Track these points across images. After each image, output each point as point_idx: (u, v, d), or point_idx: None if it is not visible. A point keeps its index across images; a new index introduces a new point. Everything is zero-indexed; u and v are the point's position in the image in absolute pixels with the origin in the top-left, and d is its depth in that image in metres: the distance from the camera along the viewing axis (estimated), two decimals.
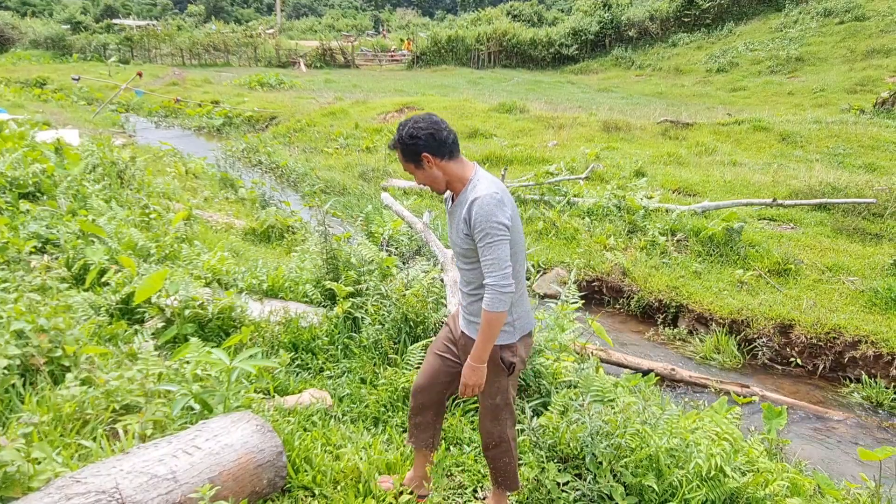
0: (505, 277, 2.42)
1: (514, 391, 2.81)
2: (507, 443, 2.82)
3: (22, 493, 2.16)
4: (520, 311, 2.67)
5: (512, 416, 2.82)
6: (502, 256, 2.42)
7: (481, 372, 2.55)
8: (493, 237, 2.40)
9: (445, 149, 2.53)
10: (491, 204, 2.41)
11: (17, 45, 37.90)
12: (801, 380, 5.86)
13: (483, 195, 2.43)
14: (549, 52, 35.64)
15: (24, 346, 3.31)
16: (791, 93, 22.11)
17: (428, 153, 2.53)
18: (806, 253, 7.63)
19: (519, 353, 2.70)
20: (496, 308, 2.43)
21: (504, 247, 2.43)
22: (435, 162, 2.55)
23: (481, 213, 2.41)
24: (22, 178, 6.37)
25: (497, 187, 2.49)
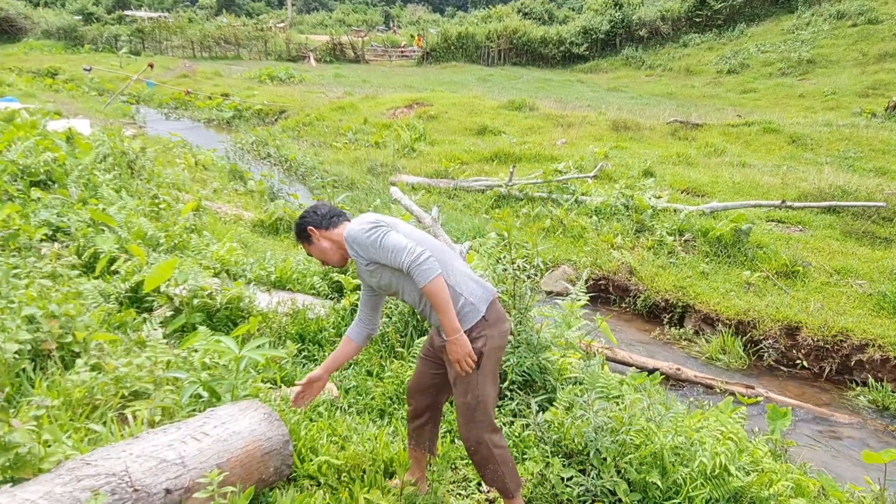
0: (413, 251, 2.49)
1: (489, 391, 2.69)
2: (486, 447, 2.69)
3: (33, 473, 2.19)
4: (465, 285, 2.67)
5: (487, 419, 2.69)
6: (394, 242, 2.53)
7: (461, 342, 2.55)
8: (376, 238, 2.56)
9: (326, 221, 2.77)
10: (354, 227, 2.63)
11: (30, 34, 38.07)
12: (807, 382, 5.85)
13: (347, 229, 2.66)
14: (560, 51, 35.54)
15: (36, 331, 3.34)
16: (802, 95, 21.99)
17: (314, 229, 2.76)
18: (814, 255, 7.61)
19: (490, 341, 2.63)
20: (428, 277, 2.48)
21: (389, 236, 2.55)
22: (320, 235, 2.77)
23: (352, 237, 2.62)
24: (33, 166, 6.41)
25: (358, 217, 2.73)
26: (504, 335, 2.74)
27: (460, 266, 2.75)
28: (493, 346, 2.67)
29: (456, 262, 2.74)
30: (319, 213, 2.77)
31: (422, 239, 2.69)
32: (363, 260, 2.64)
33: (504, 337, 2.74)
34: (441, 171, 11.51)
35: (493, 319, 2.68)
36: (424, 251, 2.50)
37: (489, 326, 2.66)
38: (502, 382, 3.97)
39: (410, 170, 11.78)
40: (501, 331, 2.71)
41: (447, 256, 2.73)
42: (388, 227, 2.60)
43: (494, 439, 2.72)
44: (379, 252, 2.56)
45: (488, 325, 2.65)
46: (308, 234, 2.76)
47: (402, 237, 2.56)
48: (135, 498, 2.10)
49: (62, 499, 1.95)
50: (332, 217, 2.76)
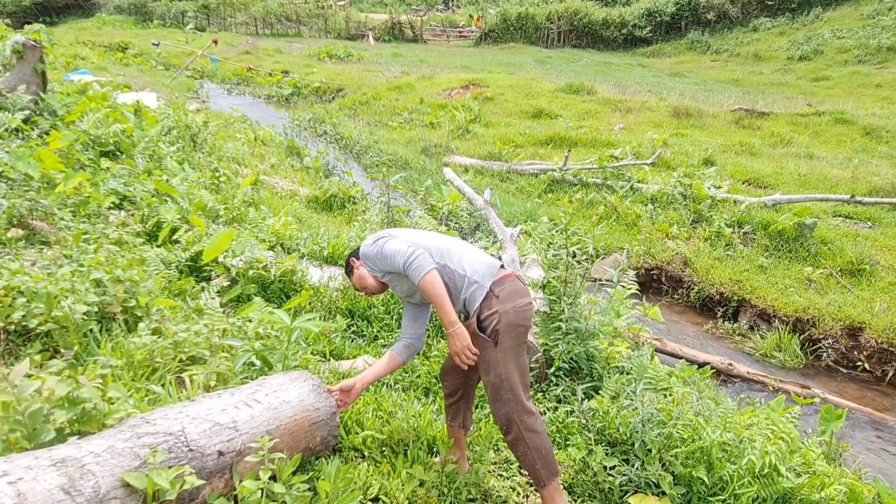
0: (407, 252, 2.64)
1: (512, 368, 2.63)
2: (516, 427, 2.64)
3: (98, 428, 2.31)
4: (468, 264, 2.73)
5: (515, 398, 2.63)
6: (392, 247, 2.71)
7: (459, 334, 2.61)
8: (378, 250, 2.77)
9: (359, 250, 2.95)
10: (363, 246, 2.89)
11: (103, 10, 39.51)
12: (867, 385, 5.62)
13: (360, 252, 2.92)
14: (621, 34, 34.61)
15: (103, 294, 3.51)
16: (879, 85, 20.83)
17: (353, 257, 3.00)
18: (883, 254, 7.26)
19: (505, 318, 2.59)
20: (420, 273, 2.60)
21: (388, 244, 2.74)
22: (356, 263, 2.96)
23: (363, 254, 2.87)
24: (103, 136, 6.67)
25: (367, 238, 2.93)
26: (521, 311, 2.67)
27: (464, 249, 2.83)
28: (509, 323, 2.62)
29: (458, 248, 2.83)
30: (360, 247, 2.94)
31: (420, 240, 2.80)
32: (378, 272, 2.84)
33: (522, 312, 2.67)
34: (495, 153, 11.44)
35: (504, 295, 2.65)
36: (416, 250, 2.64)
37: (500, 302, 2.63)
38: (549, 367, 3.96)
39: (464, 151, 11.75)
40: (517, 306, 2.65)
41: (449, 245, 2.83)
42: (387, 236, 2.79)
43: (527, 422, 2.65)
44: (384, 261, 2.74)
45: (499, 301, 2.63)
46: (350, 267, 2.99)
47: (400, 242, 2.72)
48: (189, 457, 2.20)
49: (124, 453, 2.05)
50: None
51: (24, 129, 6.37)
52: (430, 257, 2.66)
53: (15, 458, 1.90)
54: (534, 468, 2.70)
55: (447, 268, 2.73)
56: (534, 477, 2.73)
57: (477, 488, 3.03)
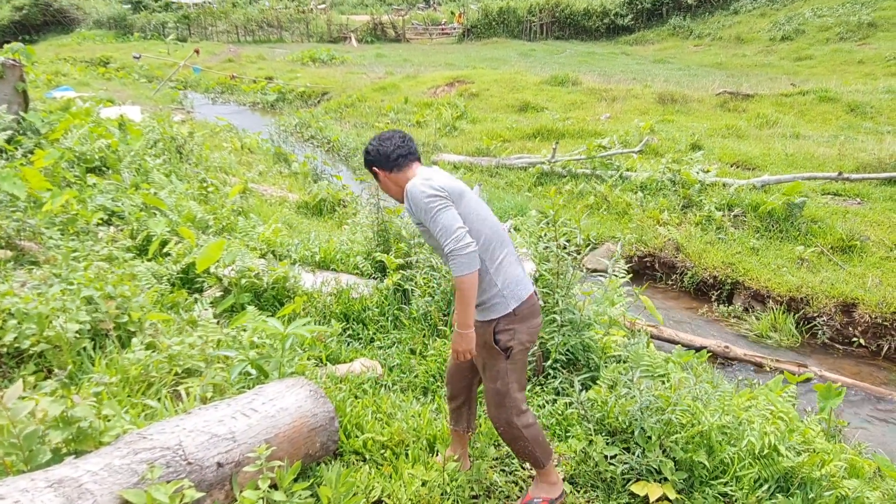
0: (459, 239, 2.42)
1: (517, 380, 2.71)
2: (515, 429, 2.74)
3: (94, 446, 2.30)
4: (504, 278, 2.62)
5: (515, 405, 2.72)
6: (448, 222, 2.45)
7: (467, 338, 2.54)
8: (432, 209, 2.47)
9: (390, 162, 2.69)
10: (418, 185, 2.53)
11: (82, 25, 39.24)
12: (863, 360, 5.65)
13: (411, 182, 2.58)
14: (603, 23, 34.58)
15: (94, 311, 3.50)
16: (861, 61, 20.90)
17: (378, 168, 2.73)
18: (873, 229, 7.29)
19: (518, 335, 2.63)
20: (463, 272, 2.42)
21: (446, 213, 2.47)
22: (385, 175, 2.72)
23: (413, 195, 2.53)
24: (89, 152, 6.64)
25: (425, 173, 2.64)
26: (533, 330, 2.72)
27: (509, 256, 2.69)
28: (522, 341, 2.66)
29: (506, 250, 2.69)
30: (385, 153, 2.68)
31: (479, 221, 2.61)
32: (414, 218, 2.62)
33: (533, 332, 2.73)
34: (483, 148, 11.44)
35: (521, 315, 2.64)
36: (469, 243, 2.43)
37: (517, 322, 2.63)
38: (545, 360, 3.97)
39: (452, 148, 11.74)
40: (531, 326, 2.69)
41: (501, 241, 2.68)
42: (448, 201, 2.51)
43: (523, 420, 2.75)
44: (430, 223, 2.50)
45: (516, 321, 2.63)
46: (374, 172, 2.76)
47: (457, 218, 2.48)
48: (188, 470, 2.19)
49: (121, 471, 2.05)
50: (397, 159, 2.68)
51: (7, 149, 6.33)
52: (477, 255, 2.47)
53: (11, 482, 1.89)
54: (533, 455, 2.83)
55: (483, 263, 2.58)
56: (533, 462, 2.89)
57: (479, 485, 3.04)
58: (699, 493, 3.09)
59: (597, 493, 3.13)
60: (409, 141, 2.74)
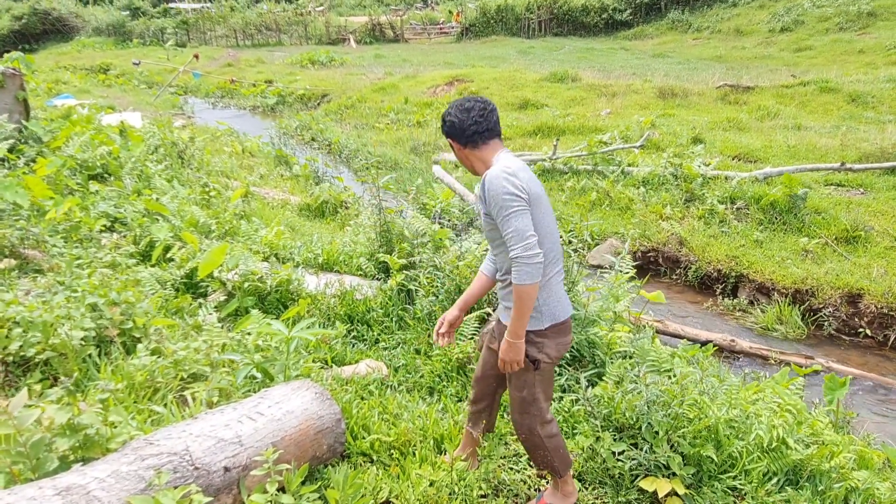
0: (529, 248, 2.34)
1: (543, 390, 2.70)
2: (537, 437, 2.73)
3: (101, 453, 2.30)
4: (547, 295, 2.55)
5: (540, 414, 2.71)
6: (522, 226, 2.36)
7: (517, 348, 2.49)
8: (510, 208, 2.36)
9: (465, 137, 2.56)
10: (501, 177, 2.39)
11: (81, 33, 39.34)
12: (870, 351, 5.64)
13: (492, 172, 2.43)
14: (602, 19, 34.52)
15: (99, 318, 3.50)
16: (862, 51, 20.83)
17: (451, 139, 2.62)
18: (877, 219, 7.27)
19: (546, 349, 2.58)
20: (525, 280, 2.36)
21: (522, 217, 2.37)
22: (458, 148, 2.62)
23: (492, 187, 2.40)
24: (90, 160, 6.65)
25: (510, 164, 2.46)
26: (562, 347, 2.66)
27: (559, 275, 2.64)
28: (550, 355, 2.61)
29: (558, 268, 2.64)
30: (460, 126, 2.55)
31: (546, 233, 2.52)
32: (484, 207, 2.51)
33: (562, 349, 2.67)
34: None
35: (553, 333, 2.60)
36: (538, 253, 2.35)
37: (548, 338, 2.59)
38: None
39: None
40: (559, 343, 2.64)
41: (556, 258, 2.62)
42: (526, 204, 2.39)
43: (546, 429, 2.73)
44: (502, 222, 2.39)
45: (547, 337, 2.59)
46: (450, 143, 2.66)
47: (531, 225, 2.38)
48: (195, 476, 2.19)
49: (128, 477, 2.05)
50: (473, 135, 2.54)
51: (9, 159, 6.35)
52: (542, 266, 2.39)
53: (19, 490, 1.89)
54: (552, 465, 2.80)
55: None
56: (551, 471, 2.84)
57: (488, 484, 3.03)
58: (708, 487, 3.08)
59: (605, 489, 3.12)
60: (489, 114, 2.57)
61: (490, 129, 2.56)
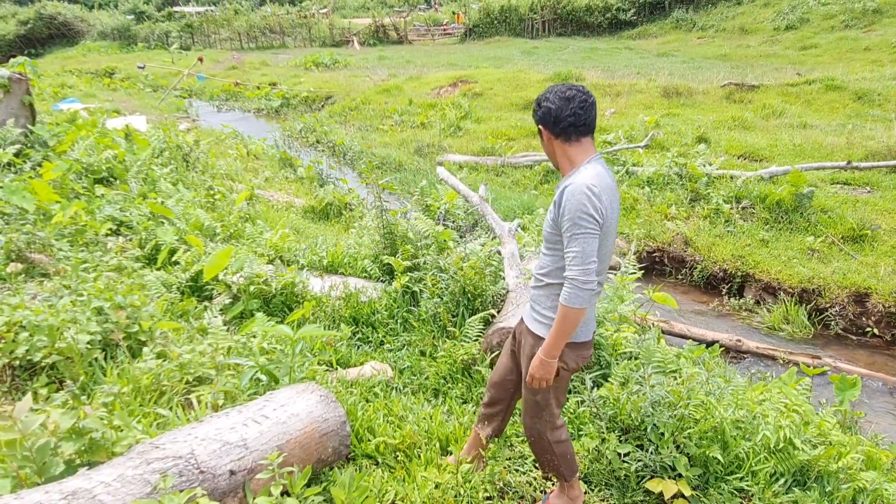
0: (587, 273, 2.30)
1: (556, 397, 2.68)
2: (546, 442, 2.74)
3: (107, 457, 2.31)
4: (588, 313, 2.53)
5: (551, 420, 2.71)
6: (588, 251, 2.31)
7: (550, 367, 2.46)
8: (582, 229, 2.30)
9: (558, 128, 2.46)
10: (583, 194, 2.30)
11: (87, 37, 39.56)
12: (878, 350, 5.60)
13: (577, 183, 2.34)
14: (606, 18, 34.47)
15: (105, 322, 3.51)
16: (868, 48, 20.72)
17: (543, 126, 2.52)
18: (884, 218, 7.23)
19: (565, 359, 2.55)
20: (574, 303, 2.31)
21: (592, 241, 2.31)
22: (548, 137, 2.53)
23: (571, 200, 2.32)
24: (96, 164, 6.68)
25: (597, 181, 2.35)
26: (581, 360, 2.65)
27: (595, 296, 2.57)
28: (568, 365, 2.60)
29: (598, 289, 2.58)
30: (556, 115, 2.45)
31: (603, 259, 2.49)
32: (554, 212, 2.45)
33: (581, 361, 2.65)
34: (488, 148, 11.42)
35: (575, 347, 2.58)
36: (593, 281, 2.32)
37: (569, 349, 2.54)
38: None
39: (457, 149, 11.73)
40: (580, 355, 2.63)
41: (601, 282, 2.60)
42: (598, 229, 2.33)
43: (555, 435, 2.75)
44: (570, 238, 2.34)
45: (570, 350, 2.55)
46: (539, 130, 2.57)
47: (595, 251, 2.33)
48: (201, 479, 2.19)
49: (134, 481, 2.05)
50: (568, 127, 2.44)
51: (15, 163, 6.38)
52: (593, 294, 2.38)
53: (25, 494, 1.90)
54: (558, 470, 2.82)
55: None
56: (557, 475, 2.87)
57: (493, 486, 3.03)
58: (714, 488, 3.07)
59: (611, 491, 3.11)
60: (588, 109, 2.46)
61: (587, 124, 2.46)
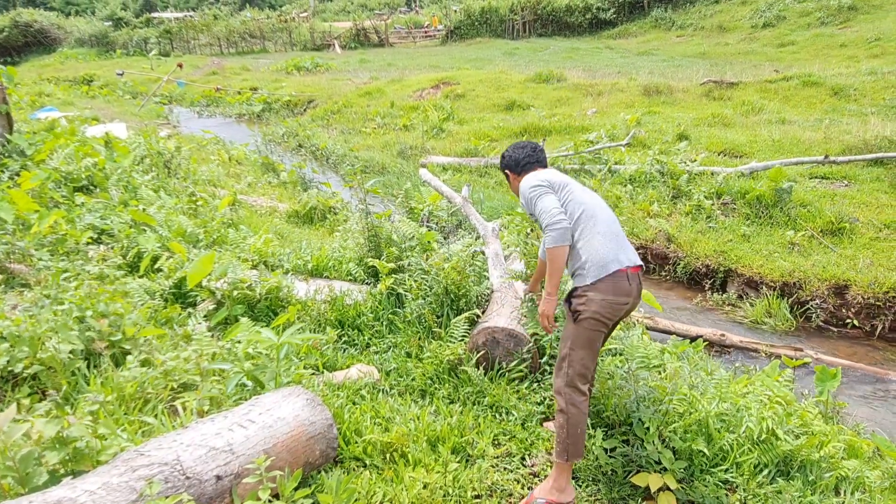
0: (552, 216, 2.84)
1: (580, 353, 2.86)
2: (563, 398, 2.86)
3: (91, 466, 2.29)
4: (589, 253, 2.85)
5: (569, 377, 2.86)
6: (546, 205, 2.89)
7: (550, 304, 2.98)
8: (534, 195, 2.96)
9: (519, 168, 3.27)
10: (526, 182, 3.08)
11: (64, 44, 39.14)
12: (857, 341, 5.69)
13: (523, 180, 3.12)
14: (586, 18, 34.68)
15: (87, 331, 3.48)
16: (843, 45, 21.04)
17: (509, 171, 3.33)
18: (861, 211, 7.34)
19: (590, 305, 2.81)
20: (554, 243, 2.82)
21: (545, 198, 2.92)
22: (514, 178, 3.31)
23: (521, 190, 3.08)
24: (75, 172, 6.62)
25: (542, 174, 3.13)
26: (610, 307, 2.83)
27: (599, 236, 2.89)
28: (592, 311, 2.81)
29: (598, 229, 2.91)
30: (515, 158, 3.27)
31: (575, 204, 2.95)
32: (527, 210, 3.08)
33: (609, 308, 2.83)
34: (471, 149, 11.45)
35: (602, 288, 2.81)
36: (562, 220, 2.83)
37: (594, 290, 2.82)
38: (541, 357, 3.97)
39: (440, 150, 11.75)
40: (609, 300, 2.82)
41: (594, 222, 2.92)
42: (548, 188, 2.98)
43: (573, 398, 2.86)
44: (533, 210, 2.97)
45: (591, 290, 2.82)
46: (505, 174, 3.35)
47: (554, 201, 2.91)
48: (187, 485, 2.18)
49: (119, 489, 2.04)
50: (525, 164, 3.24)
51: None
52: (569, 231, 2.85)
53: None
54: (564, 441, 2.87)
55: (578, 234, 2.91)
56: (559, 448, 2.89)
57: (481, 484, 3.04)
58: (699, 481, 3.10)
59: (598, 486, 3.13)
60: (539, 152, 3.30)
61: (538, 161, 3.27)
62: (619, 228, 3.01)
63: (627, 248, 2.96)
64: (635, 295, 2.92)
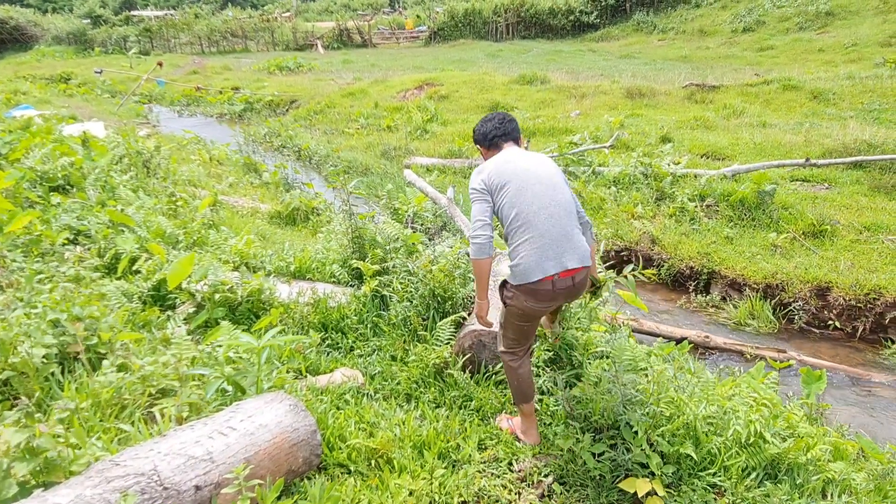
0: (475, 230, 2.95)
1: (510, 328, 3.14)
2: (504, 362, 3.24)
3: (64, 477, 2.20)
4: (519, 260, 2.92)
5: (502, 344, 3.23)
6: (474, 214, 2.99)
7: (481, 308, 3.14)
8: (471, 199, 3.04)
9: (487, 142, 3.24)
10: (472, 178, 3.08)
11: (41, 41, 38.46)
12: (840, 343, 5.73)
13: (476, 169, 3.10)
14: (569, 21, 34.84)
15: (61, 335, 3.37)
16: (822, 49, 21.33)
17: (479, 145, 3.31)
18: (842, 213, 7.41)
19: (515, 301, 3.00)
20: (474, 256, 2.97)
21: (476, 206, 3.01)
22: (483, 152, 3.29)
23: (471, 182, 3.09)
24: (51, 171, 6.46)
25: (490, 162, 3.10)
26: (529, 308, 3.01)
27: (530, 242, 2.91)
28: (517, 305, 3.02)
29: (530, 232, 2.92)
30: (483, 132, 3.24)
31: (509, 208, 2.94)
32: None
33: (530, 309, 3.02)
34: (455, 150, 11.40)
35: (524, 291, 2.96)
36: (481, 235, 2.93)
37: (518, 291, 2.98)
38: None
39: (424, 151, 11.68)
40: (529, 305, 2.99)
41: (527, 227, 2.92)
42: (483, 195, 3.00)
43: (507, 361, 3.23)
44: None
45: (517, 290, 2.98)
46: (479, 150, 3.33)
47: (483, 211, 2.97)
48: (164, 496, 2.11)
49: (93, 500, 1.96)
50: (493, 138, 3.21)
51: None
52: (490, 245, 2.95)
53: None
54: (512, 389, 3.31)
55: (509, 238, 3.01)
56: (512, 396, 3.37)
57: (468, 490, 2.99)
58: (687, 485, 3.08)
59: (587, 491, 3.10)
60: (507, 123, 3.21)
61: (506, 133, 3.21)
62: (561, 230, 2.93)
63: (564, 252, 2.91)
64: (565, 296, 3.06)
